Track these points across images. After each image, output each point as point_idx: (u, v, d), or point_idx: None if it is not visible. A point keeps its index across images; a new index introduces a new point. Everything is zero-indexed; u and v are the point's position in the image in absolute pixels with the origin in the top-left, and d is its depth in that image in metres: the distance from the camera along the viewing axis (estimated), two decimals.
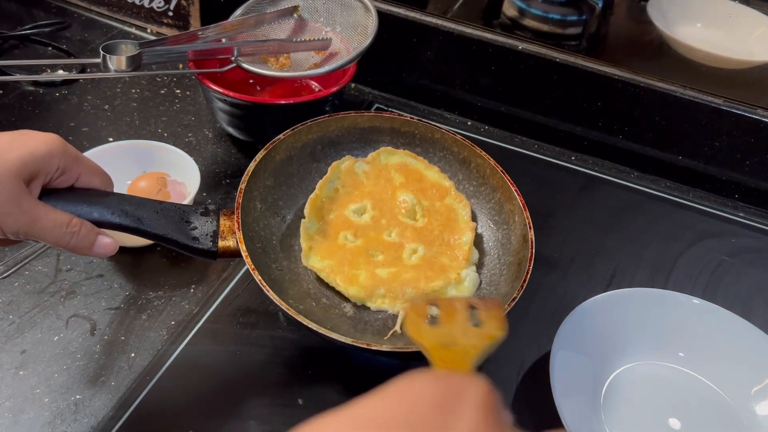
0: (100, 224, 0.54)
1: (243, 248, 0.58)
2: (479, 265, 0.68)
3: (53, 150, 0.50)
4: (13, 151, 0.48)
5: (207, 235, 0.58)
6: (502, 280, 0.65)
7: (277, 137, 0.68)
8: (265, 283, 0.56)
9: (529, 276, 0.61)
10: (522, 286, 0.59)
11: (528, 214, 0.66)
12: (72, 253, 0.53)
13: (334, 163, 0.71)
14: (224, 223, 0.59)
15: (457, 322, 0.50)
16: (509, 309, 0.57)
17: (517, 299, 0.59)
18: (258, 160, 0.66)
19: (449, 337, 0.47)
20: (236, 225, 0.59)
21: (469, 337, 0.47)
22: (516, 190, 0.68)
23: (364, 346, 0.54)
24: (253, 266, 0.57)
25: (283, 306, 0.55)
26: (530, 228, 0.64)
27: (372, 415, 0.25)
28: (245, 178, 0.64)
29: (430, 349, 0.45)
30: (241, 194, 0.62)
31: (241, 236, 0.58)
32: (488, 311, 0.51)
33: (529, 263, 0.61)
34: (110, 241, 0.53)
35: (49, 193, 0.52)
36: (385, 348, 0.54)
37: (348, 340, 0.54)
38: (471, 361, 0.44)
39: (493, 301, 0.53)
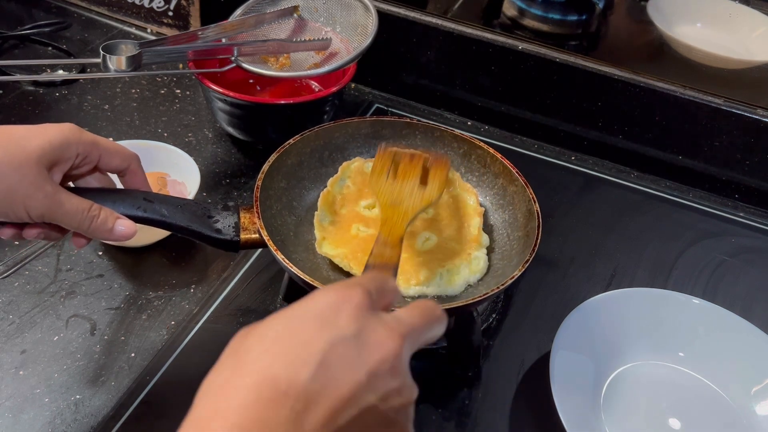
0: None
1: (265, 234, 0.60)
2: (491, 243, 0.70)
3: (70, 138, 0.52)
4: (33, 140, 0.50)
5: (229, 227, 0.61)
6: (513, 252, 0.67)
7: (287, 142, 0.70)
8: (292, 264, 0.58)
9: (538, 241, 0.62)
10: (533, 250, 0.61)
11: (531, 190, 0.68)
12: (92, 237, 0.55)
13: (345, 163, 0.73)
14: (244, 216, 0.62)
15: (408, 180, 0.62)
16: (523, 271, 0.59)
17: (530, 261, 0.60)
18: (271, 161, 0.68)
19: (399, 196, 0.60)
20: (257, 215, 0.61)
21: (413, 198, 0.60)
22: (517, 172, 0.70)
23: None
24: (276, 248, 0.59)
25: (315, 283, 0.57)
26: (535, 202, 0.66)
27: (294, 313, 0.37)
28: (261, 175, 0.66)
29: (382, 206, 0.59)
30: (258, 189, 0.64)
31: (263, 224, 0.61)
32: (435, 171, 0.63)
33: (537, 230, 0.63)
34: (129, 224, 0.55)
35: (76, 191, 0.54)
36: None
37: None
38: (408, 219, 0.57)
39: (442, 161, 0.64)
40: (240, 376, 0.34)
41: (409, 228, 0.57)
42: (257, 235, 0.61)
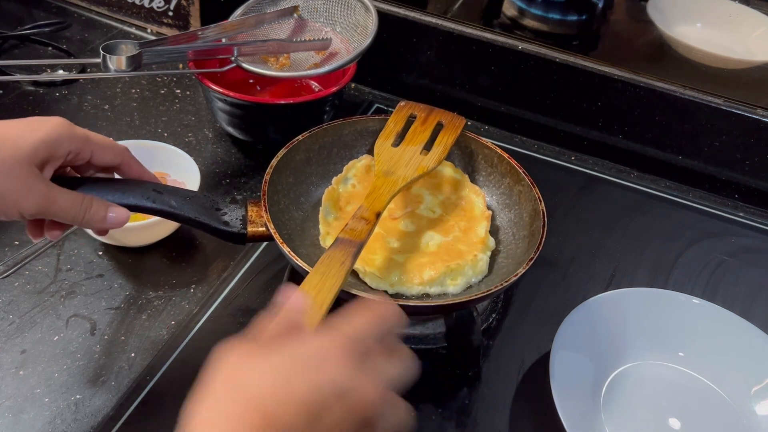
0: (135, 209, 0.57)
1: (272, 227, 0.60)
2: (496, 243, 0.70)
3: (62, 134, 0.52)
4: (25, 139, 0.51)
5: (237, 219, 0.61)
6: (519, 251, 0.67)
7: (296, 138, 0.70)
8: (298, 258, 0.58)
9: (543, 239, 0.62)
10: (538, 248, 0.62)
11: (537, 190, 0.68)
12: (87, 228, 0.56)
13: (352, 162, 0.73)
14: (252, 209, 0.62)
15: (412, 146, 0.62)
16: (527, 268, 0.60)
17: (534, 259, 0.60)
18: (280, 156, 0.68)
19: (395, 164, 0.61)
20: (264, 208, 0.62)
21: (408, 167, 0.61)
22: (524, 172, 0.70)
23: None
24: (282, 241, 0.59)
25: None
26: (540, 201, 0.66)
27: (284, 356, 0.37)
28: (269, 170, 0.66)
29: (376, 173, 0.61)
30: (267, 184, 0.64)
31: (270, 218, 0.61)
32: (443, 136, 0.62)
33: (543, 230, 0.64)
34: (121, 211, 0.56)
35: (86, 183, 0.55)
36: (411, 303, 0.57)
37: (376, 298, 0.56)
38: (394, 191, 0.59)
39: (454, 124, 0.63)
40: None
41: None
42: (264, 229, 0.61)
